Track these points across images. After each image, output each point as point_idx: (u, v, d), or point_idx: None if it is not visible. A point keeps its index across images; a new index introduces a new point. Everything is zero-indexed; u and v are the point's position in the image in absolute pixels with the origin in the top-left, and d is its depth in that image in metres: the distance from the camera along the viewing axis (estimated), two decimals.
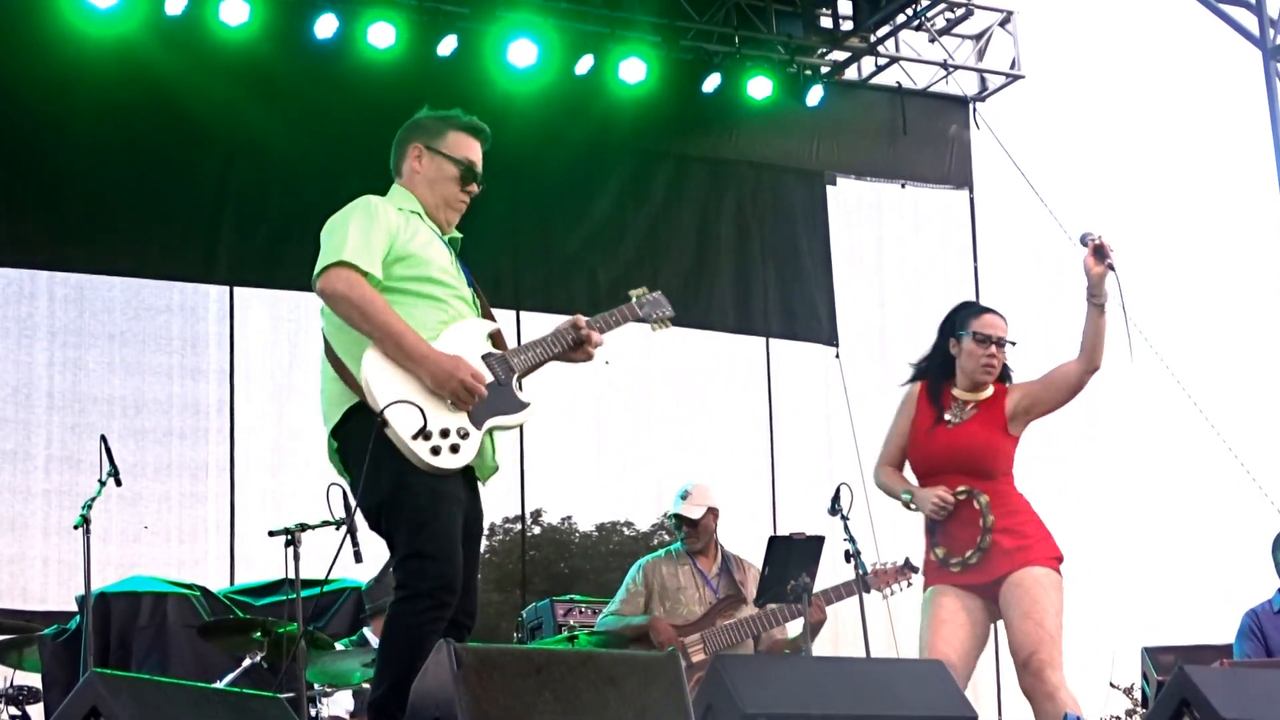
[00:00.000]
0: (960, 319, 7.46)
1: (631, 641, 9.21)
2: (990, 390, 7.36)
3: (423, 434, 5.66)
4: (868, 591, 8.29)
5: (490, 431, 5.92)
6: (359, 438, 5.71)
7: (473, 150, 6.24)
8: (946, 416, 7.31)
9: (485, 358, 5.97)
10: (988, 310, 7.48)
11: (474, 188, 6.22)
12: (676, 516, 9.53)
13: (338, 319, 5.83)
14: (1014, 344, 7.44)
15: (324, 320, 5.93)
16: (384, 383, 5.70)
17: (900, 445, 7.46)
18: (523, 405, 6.03)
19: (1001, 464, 7.26)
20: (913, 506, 7.30)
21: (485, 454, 5.95)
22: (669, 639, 9.09)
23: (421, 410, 5.66)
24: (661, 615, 9.26)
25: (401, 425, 5.64)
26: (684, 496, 9.52)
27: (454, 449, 5.73)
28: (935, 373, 7.43)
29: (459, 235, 6.28)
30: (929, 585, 7.31)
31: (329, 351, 5.88)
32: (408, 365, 5.73)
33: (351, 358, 5.77)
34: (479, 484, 6.05)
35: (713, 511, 9.54)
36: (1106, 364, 7.27)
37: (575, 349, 6.27)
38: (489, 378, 5.90)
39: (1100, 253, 7.18)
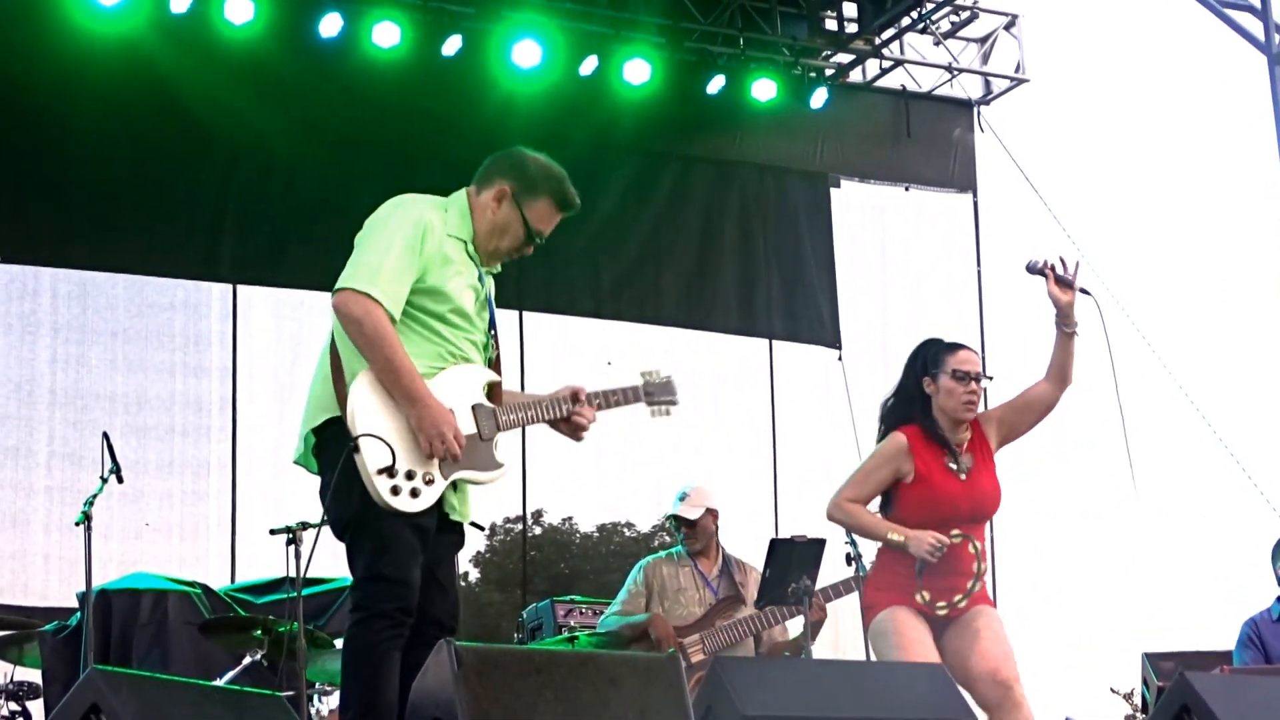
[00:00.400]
0: (932, 357, 7.27)
1: (632, 640, 9.22)
2: (969, 430, 7.25)
3: (388, 471, 5.64)
4: None
5: (457, 484, 5.89)
6: (334, 446, 5.71)
7: (551, 223, 6.13)
8: (952, 466, 7.17)
9: (475, 408, 5.92)
10: (960, 346, 7.33)
11: (529, 250, 6.14)
12: (675, 518, 9.54)
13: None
14: (990, 379, 7.37)
15: (334, 327, 5.87)
16: (368, 411, 5.68)
17: (877, 492, 7.26)
18: (497, 465, 5.98)
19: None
20: (904, 548, 7.07)
21: (450, 503, 5.90)
22: (666, 634, 9.11)
23: (392, 450, 5.65)
24: (661, 615, 9.27)
25: (370, 457, 5.63)
26: (682, 498, 9.53)
27: (414, 493, 5.70)
28: (920, 418, 7.23)
29: (498, 270, 6.21)
30: (886, 605, 7.14)
31: (333, 355, 5.85)
32: (399, 403, 5.71)
33: (351, 373, 5.75)
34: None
35: (711, 513, 9.54)
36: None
37: (567, 420, 6.23)
38: (472, 430, 5.87)
39: (1064, 280, 7.13)
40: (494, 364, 6.09)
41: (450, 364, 5.88)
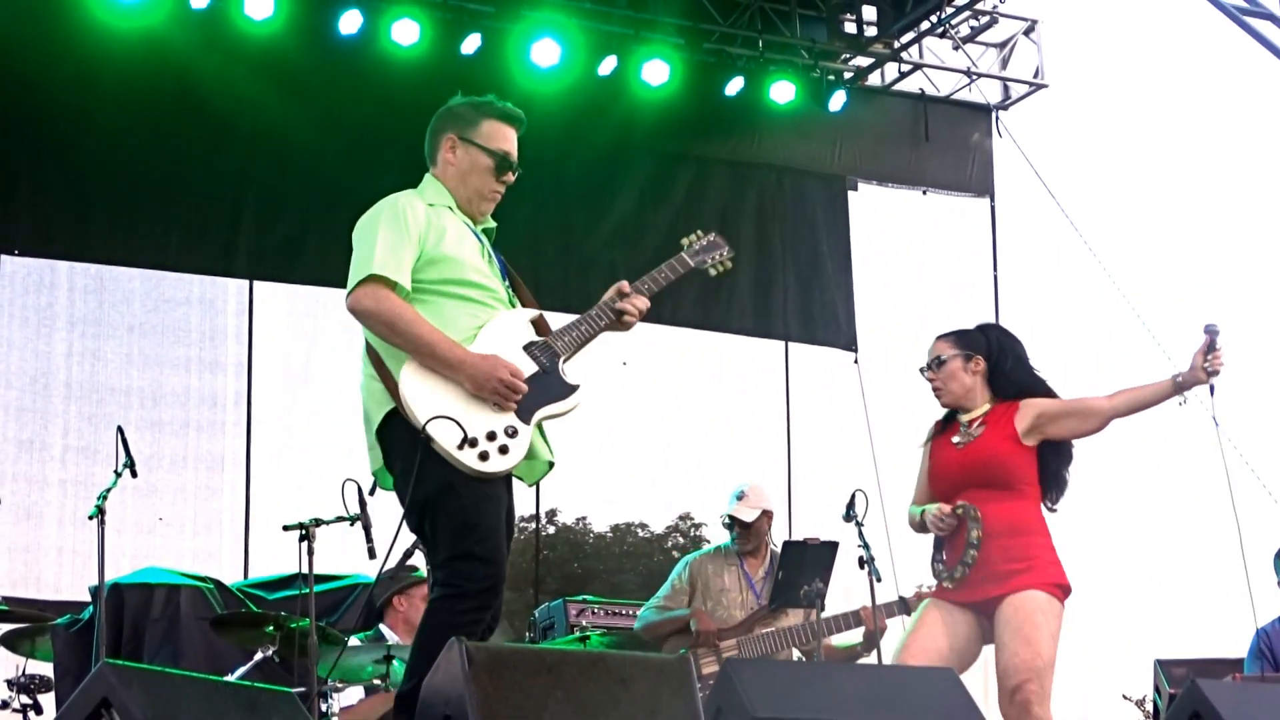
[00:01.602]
0: None
1: (672, 634, 9.24)
2: (987, 406, 7.24)
3: (468, 442, 5.62)
4: (907, 613, 8.31)
5: (540, 424, 5.86)
6: (400, 437, 5.69)
7: (508, 139, 6.17)
8: (955, 440, 7.22)
9: (528, 347, 5.91)
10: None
11: (509, 177, 6.14)
12: (730, 518, 9.53)
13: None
14: (940, 362, 7.34)
15: (364, 331, 5.86)
16: (422, 397, 5.65)
17: (924, 489, 7.35)
18: (572, 389, 5.96)
19: (1017, 473, 7.08)
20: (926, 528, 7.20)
21: (536, 451, 5.87)
22: (707, 629, 9.11)
23: (459, 423, 5.62)
24: (704, 611, 9.28)
25: (443, 437, 5.60)
26: (739, 498, 9.53)
27: (503, 450, 5.68)
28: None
29: (493, 225, 6.22)
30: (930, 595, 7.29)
31: (370, 351, 5.83)
32: (445, 373, 5.69)
33: (394, 360, 5.73)
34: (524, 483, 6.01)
35: (767, 515, 9.55)
36: (1130, 380, 7.23)
37: (620, 317, 6.22)
38: (532, 368, 5.84)
39: (1212, 364, 7.08)
40: (527, 303, 6.14)
41: (484, 325, 5.87)
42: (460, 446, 5.61)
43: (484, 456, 5.64)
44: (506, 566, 5.72)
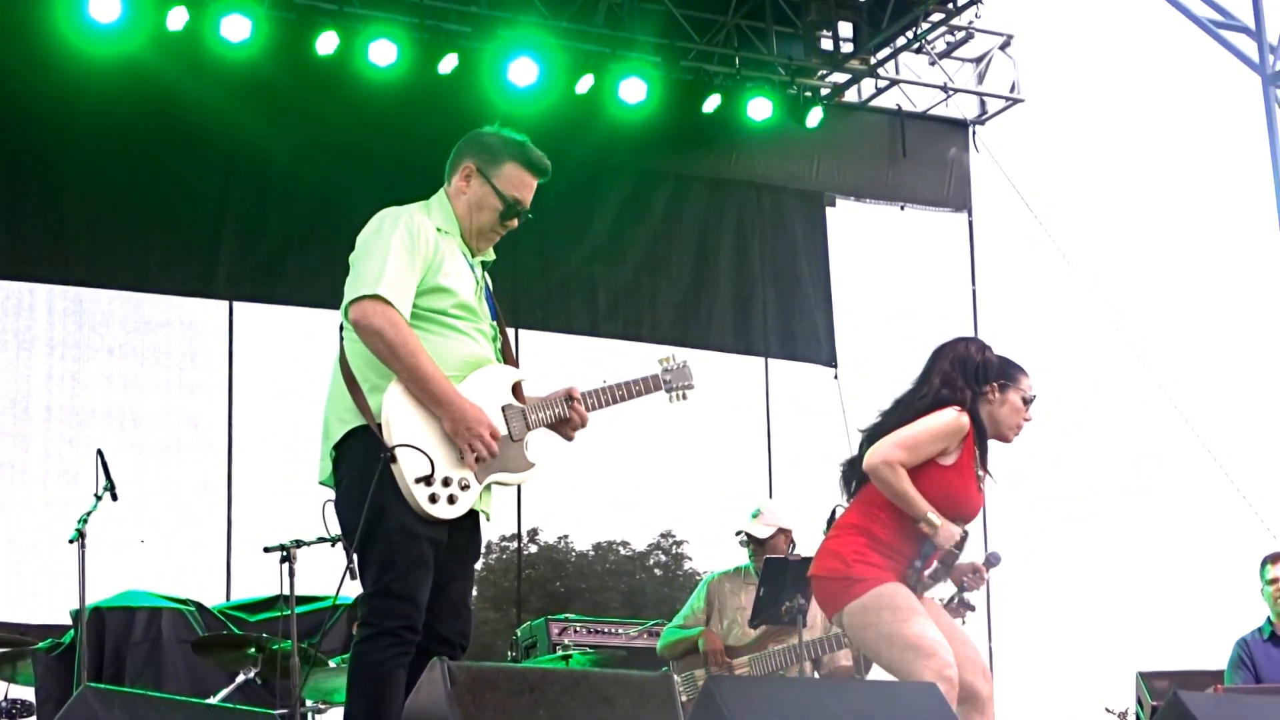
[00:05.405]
0: (1001, 368, 7.00)
1: (686, 654, 9.28)
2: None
3: (426, 480, 5.64)
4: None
5: (489, 486, 5.90)
6: (354, 458, 5.70)
7: (526, 187, 6.14)
8: (980, 473, 6.93)
9: (505, 409, 5.92)
10: (1024, 370, 7.06)
11: (513, 223, 6.12)
12: (746, 535, 9.56)
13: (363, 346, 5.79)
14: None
15: (346, 340, 5.82)
16: (401, 422, 5.64)
17: (923, 461, 6.81)
18: (528, 465, 5.96)
19: None
20: (930, 532, 6.69)
21: (480, 502, 5.90)
22: (714, 649, 9.15)
23: (430, 459, 5.65)
24: (719, 632, 9.30)
25: (408, 467, 5.61)
26: (755, 515, 9.57)
27: (451, 499, 5.68)
28: (973, 413, 6.90)
29: (491, 258, 6.23)
30: (880, 579, 6.70)
31: (344, 369, 5.80)
32: (431, 407, 5.71)
33: (370, 385, 5.71)
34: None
35: (784, 533, 9.54)
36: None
37: (566, 424, 6.16)
38: (504, 431, 5.87)
39: (970, 582, 6.97)
40: (504, 352, 6.10)
41: (468, 359, 5.86)
42: (418, 481, 5.62)
43: (433, 499, 5.64)
44: (425, 604, 5.64)
